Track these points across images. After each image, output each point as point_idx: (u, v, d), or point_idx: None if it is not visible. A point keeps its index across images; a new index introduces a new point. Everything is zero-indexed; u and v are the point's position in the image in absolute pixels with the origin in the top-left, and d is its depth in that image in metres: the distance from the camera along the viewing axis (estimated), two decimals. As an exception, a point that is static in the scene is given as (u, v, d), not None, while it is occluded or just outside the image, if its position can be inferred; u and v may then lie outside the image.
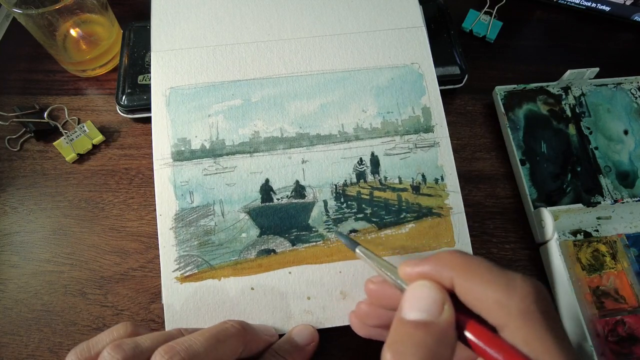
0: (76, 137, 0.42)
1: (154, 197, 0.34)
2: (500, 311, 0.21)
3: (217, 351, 0.25)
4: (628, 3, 0.49)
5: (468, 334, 0.22)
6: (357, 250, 0.30)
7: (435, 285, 0.23)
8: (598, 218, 0.39)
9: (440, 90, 0.37)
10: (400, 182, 0.35)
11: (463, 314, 0.22)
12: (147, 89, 0.40)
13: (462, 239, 0.34)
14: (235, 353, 0.26)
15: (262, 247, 0.33)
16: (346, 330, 0.32)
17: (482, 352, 0.21)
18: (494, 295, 0.21)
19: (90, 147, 0.42)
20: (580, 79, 0.44)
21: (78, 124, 0.44)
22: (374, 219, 0.34)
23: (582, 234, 0.39)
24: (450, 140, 0.36)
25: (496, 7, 0.50)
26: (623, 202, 0.38)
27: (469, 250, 0.34)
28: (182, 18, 0.38)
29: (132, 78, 0.42)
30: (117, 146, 0.43)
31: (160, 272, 0.32)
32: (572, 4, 0.52)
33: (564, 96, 0.45)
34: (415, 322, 0.22)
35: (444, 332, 0.22)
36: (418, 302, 0.23)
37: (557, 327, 0.21)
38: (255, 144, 0.35)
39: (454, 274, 0.22)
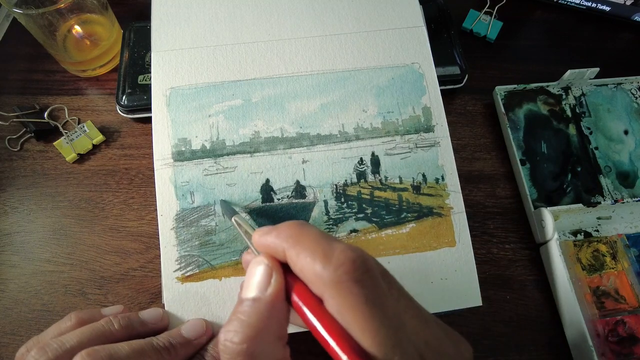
0: (76, 137, 0.42)
1: (154, 197, 0.34)
2: (317, 281, 0.21)
3: None
4: (628, 3, 0.49)
5: (295, 300, 0.22)
6: (233, 219, 0.30)
7: (267, 259, 0.23)
8: (598, 218, 0.39)
9: (441, 90, 0.37)
10: (401, 182, 0.35)
11: (299, 283, 0.22)
12: (147, 89, 0.40)
13: (463, 239, 0.34)
14: None
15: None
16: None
17: (305, 319, 0.21)
18: (311, 265, 0.21)
19: (90, 147, 0.42)
20: (580, 79, 0.44)
21: (78, 124, 0.44)
22: (375, 219, 0.34)
23: (582, 234, 0.39)
24: (451, 140, 0.36)
25: (496, 7, 0.50)
26: (623, 202, 0.38)
27: (469, 250, 0.34)
28: (183, 18, 0.38)
29: (132, 78, 0.42)
30: (117, 146, 0.43)
31: (160, 272, 0.32)
32: (572, 4, 0.52)
33: (564, 96, 0.45)
34: (246, 300, 0.22)
35: (270, 306, 0.22)
36: (251, 280, 0.23)
37: (374, 295, 0.20)
38: (256, 144, 0.35)
39: (285, 245, 0.22)
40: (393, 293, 0.22)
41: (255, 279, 0.23)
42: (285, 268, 0.23)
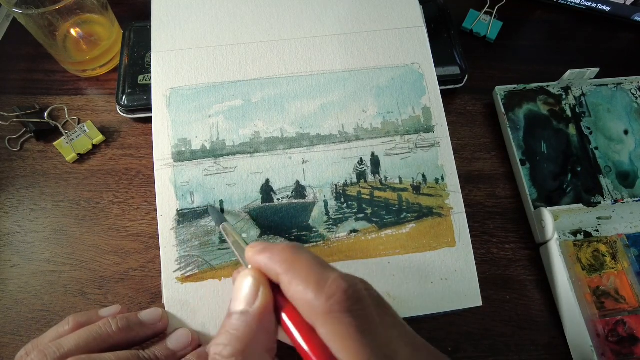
0: (76, 137, 0.42)
1: (154, 197, 0.34)
2: (308, 310, 0.21)
3: None
4: (628, 3, 0.49)
5: (285, 322, 0.22)
6: (221, 226, 0.30)
7: (255, 273, 0.24)
8: (598, 218, 0.39)
9: (441, 90, 0.37)
10: (401, 182, 0.35)
11: (290, 305, 0.23)
12: (147, 89, 0.40)
13: (463, 239, 0.34)
14: None
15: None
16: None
17: (294, 342, 0.22)
18: (303, 294, 0.21)
19: (90, 147, 0.42)
20: (580, 79, 0.44)
21: (78, 124, 0.44)
22: (375, 219, 0.34)
23: (582, 234, 0.39)
24: (451, 140, 0.36)
25: (496, 7, 0.50)
26: (623, 202, 0.38)
27: (469, 250, 0.34)
28: (183, 18, 0.38)
29: (132, 78, 0.42)
30: (118, 146, 0.43)
31: (160, 272, 0.32)
32: (572, 4, 0.52)
33: (564, 96, 0.45)
34: (234, 313, 0.23)
35: (258, 319, 0.22)
36: (239, 293, 0.23)
37: (366, 325, 0.21)
38: (256, 144, 0.35)
39: (279, 270, 0.23)
40: (386, 321, 0.22)
41: (243, 292, 0.23)
42: (275, 286, 0.23)
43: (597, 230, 0.39)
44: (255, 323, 0.22)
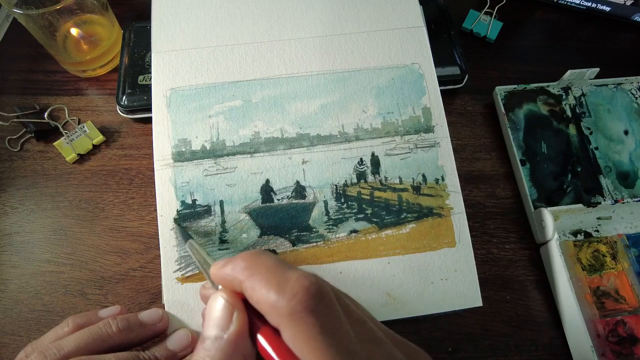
0: (76, 137, 0.42)
1: (154, 198, 0.34)
2: (272, 312, 0.21)
3: None
4: (628, 3, 0.49)
5: (260, 339, 0.22)
6: (187, 244, 0.29)
7: (227, 295, 0.23)
8: (598, 218, 0.39)
9: (441, 91, 0.37)
10: (401, 182, 0.35)
11: (261, 319, 0.22)
12: (147, 89, 0.40)
13: (463, 239, 0.34)
14: None
15: (263, 248, 0.33)
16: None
17: (268, 357, 0.21)
18: (267, 297, 0.21)
19: (90, 147, 0.42)
20: (580, 79, 0.44)
21: (78, 124, 0.44)
22: (375, 219, 0.34)
23: (582, 234, 0.39)
24: (451, 140, 0.36)
25: (496, 7, 0.50)
26: (623, 203, 0.38)
27: (469, 250, 0.34)
28: (183, 19, 0.38)
29: (132, 78, 0.42)
30: (118, 146, 0.43)
31: (160, 273, 0.32)
32: (572, 4, 0.52)
33: (564, 96, 0.45)
34: (208, 338, 0.22)
35: (233, 344, 0.21)
36: (211, 317, 0.22)
37: (330, 325, 0.20)
38: (256, 144, 0.35)
39: (241, 277, 0.22)
40: (348, 318, 0.22)
41: (216, 315, 0.22)
42: (250, 306, 0.23)
43: (597, 231, 0.39)
44: (230, 348, 0.21)
